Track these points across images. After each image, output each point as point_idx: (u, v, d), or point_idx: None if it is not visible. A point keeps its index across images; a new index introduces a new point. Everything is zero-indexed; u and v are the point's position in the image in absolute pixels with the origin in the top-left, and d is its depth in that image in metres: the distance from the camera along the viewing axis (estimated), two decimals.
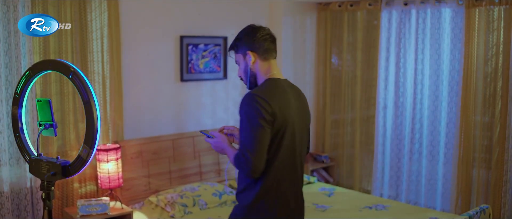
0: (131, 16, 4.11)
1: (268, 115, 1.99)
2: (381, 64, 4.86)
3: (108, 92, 3.99)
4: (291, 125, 2.07)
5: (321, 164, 5.25)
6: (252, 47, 2.14)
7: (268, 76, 2.15)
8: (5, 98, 3.51)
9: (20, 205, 3.64)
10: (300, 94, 2.23)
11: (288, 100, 2.09)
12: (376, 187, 4.98)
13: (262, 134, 1.98)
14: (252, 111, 1.99)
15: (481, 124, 4.30)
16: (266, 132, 1.99)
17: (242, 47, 2.17)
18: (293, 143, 2.10)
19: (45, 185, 1.94)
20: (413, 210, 4.03)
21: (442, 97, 4.56)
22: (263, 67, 2.15)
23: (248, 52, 2.15)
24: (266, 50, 2.15)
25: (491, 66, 4.23)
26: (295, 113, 2.11)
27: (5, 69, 3.51)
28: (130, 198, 4.10)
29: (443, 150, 4.58)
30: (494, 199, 4.21)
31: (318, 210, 3.97)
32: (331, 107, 5.41)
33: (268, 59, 2.16)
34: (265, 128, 1.99)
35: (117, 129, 4.09)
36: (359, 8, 5.02)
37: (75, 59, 3.81)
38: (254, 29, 2.17)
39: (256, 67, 2.16)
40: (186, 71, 4.50)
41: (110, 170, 3.80)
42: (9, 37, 3.49)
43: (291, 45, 5.20)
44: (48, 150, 3.72)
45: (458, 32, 4.40)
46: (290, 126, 2.06)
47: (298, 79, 5.31)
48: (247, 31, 2.18)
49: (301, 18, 5.28)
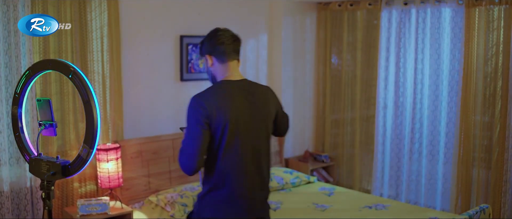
0: (131, 16, 4.11)
1: (203, 117, 2.09)
2: (381, 63, 4.86)
3: (108, 92, 3.99)
4: (232, 125, 2.13)
5: (321, 164, 5.25)
6: (210, 51, 2.26)
7: (223, 78, 2.25)
8: (5, 98, 3.51)
9: (20, 204, 3.64)
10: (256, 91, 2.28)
11: (230, 101, 2.16)
12: (376, 187, 4.98)
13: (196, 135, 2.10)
14: (189, 114, 2.13)
15: (481, 124, 4.30)
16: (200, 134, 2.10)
17: (203, 50, 2.29)
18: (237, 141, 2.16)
19: (45, 185, 1.94)
20: (413, 210, 4.03)
21: (442, 97, 4.56)
22: (220, 70, 2.26)
23: (206, 55, 2.28)
24: (222, 53, 2.24)
25: (491, 66, 4.23)
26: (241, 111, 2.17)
27: (5, 68, 3.51)
28: (130, 197, 4.10)
29: (443, 150, 4.58)
30: (494, 199, 4.21)
31: (318, 210, 3.97)
32: (331, 107, 5.41)
33: (226, 62, 2.25)
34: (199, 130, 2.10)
35: (117, 129, 4.09)
36: (359, 8, 5.02)
37: (75, 58, 3.81)
38: (214, 33, 2.26)
39: (214, 69, 2.27)
40: (186, 70, 4.50)
41: (110, 170, 3.80)
42: (9, 36, 3.49)
43: (291, 44, 5.20)
44: (48, 150, 3.72)
45: (458, 31, 4.40)
46: (230, 126, 2.13)
47: (298, 79, 5.31)
48: (208, 34, 2.28)
49: (301, 17, 5.28)
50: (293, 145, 5.35)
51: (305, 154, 5.29)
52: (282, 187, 4.51)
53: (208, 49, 2.26)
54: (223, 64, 2.25)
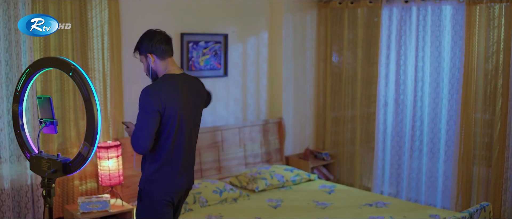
0: (131, 14, 4.11)
1: (157, 105, 2.45)
2: (381, 61, 4.86)
3: (109, 90, 3.99)
4: (179, 111, 2.53)
5: (322, 162, 5.25)
6: (151, 50, 2.59)
7: (165, 72, 2.61)
8: (5, 96, 3.52)
9: (20, 202, 3.64)
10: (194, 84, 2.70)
11: (176, 92, 2.55)
12: (377, 185, 4.99)
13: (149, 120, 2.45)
14: (144, 102, 2.47)
15: (481, 122, 4.30)
16: (154, 119, 2.46)
17: (143, 50, 2.60)
18: (182, 126, 2.56)
19: (46, 182, 1.94)
20: (414, 208, 4.04)
21: (443, 95, 4.56)
22: (161, 65, 2.61)
23: (148, 54, 2.59)
24: (163, 51, 2.60)
25: (492, 64, 4.23)
26: (184, 102, 2.57)
27: (6, 66, 3.51)
28: (130, 195, 4.10)
29: (443, 148, 4.58)
30: (494, 197, 4.21)
31: (319, 208, 3.97)
32: (332, 105, 5.41)
33: (165, 58, 2.62)
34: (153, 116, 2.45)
35: (118, 126, 4.09)
36: (360, 5, 5.02)
37: (76, 56, 3.81)
38: (152, 34, 2.60)
39: (156, 66, 2.61)
40: (187, 68, 4.50)
41: (110, 167, 3.80)
42: (9, 34, 3.49)
43: (292, 42, 5.19)
44: (48, 148, 3.73)
45: (458, 29, 4.40)
46: (179, 113, 2.53)
47: (299, 76, 5.31)
48: (146, 36, 2.61)
49: (302, 15, 5.27)
50: (293, 143, 5.35)
51: (305, 152, 5.29)
52: (283, 185, 4.51)
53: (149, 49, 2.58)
54: (164, 61, 2.61)
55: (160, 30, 2.65)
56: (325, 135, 5.49)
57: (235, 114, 4.92)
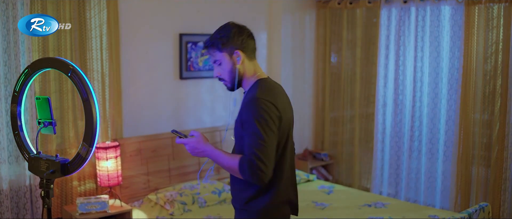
0: (130, 14, 4.11)
1: (276, 119, 1.95)
2: (380, 61, 4.86)
3: (107, 90, 3.98)
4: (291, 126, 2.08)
5: (320, 162, 5.25)
6: (240, 46, 2.05)
7: (256, 76, 2.09)
8: (4, 96, 3.51)
9: (19, 203, 3.64)
10: None
11: (286, 101, 2.09)
12: (376, 185, 4.99)
13: (272, 139, 1.93)
14: (261, 116, 1.92)
15: (480, 122, 4.30)
16: (275, 137, 1.96)
17: (229, 46, 2.05)
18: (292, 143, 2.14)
19: (44, 183, 1.93)
20: (413, 208, 4.04)
21: (442, 95, 4.56)
22: (250, 67, 2.08)
23: (237, 51, 2.05)
24: (253, 49, 2.10)
25: (491, 64, 4.23)
26: (291, 113, 2.11)
27: (4, 67, 3.50)
28: (129, 196, 4.10)
29: (442, 148, 4.58)
30: (493, 197, 4.21)
31: (317, 208, 3.97)
32: (331, 105, 5.41)
33: (253, 59, 2.11)
34: (275, 133, 1.95)
35: (116, 127, 4.09)
36: (359, 6, 5.02)
37: (74, 57, 3.80)
38: (240, 28, 2.08)
39: (243, 67, 2.07)
40: (185, 69, 4.49)
41: (109, 168, 3.80)
42: (8, 35, 3.48)
43: (290, 42, 5.19)
44: (47, 148, 3.72)
45: (457, 29, 4.40)
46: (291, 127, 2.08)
47: (298, 76, 5.31)
48: (234, 27, 2.07)
49: (301, 15, 5.27)
50: None
51: (304, 152, 5.29)
52: None
53: (238, 44, 2.04)
54: (252, 62, 2.09)
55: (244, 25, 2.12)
56: (324, 136, 5.48)
57: (233, 115, 4.91)
